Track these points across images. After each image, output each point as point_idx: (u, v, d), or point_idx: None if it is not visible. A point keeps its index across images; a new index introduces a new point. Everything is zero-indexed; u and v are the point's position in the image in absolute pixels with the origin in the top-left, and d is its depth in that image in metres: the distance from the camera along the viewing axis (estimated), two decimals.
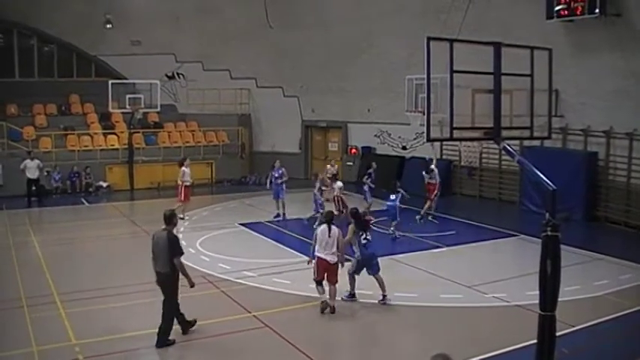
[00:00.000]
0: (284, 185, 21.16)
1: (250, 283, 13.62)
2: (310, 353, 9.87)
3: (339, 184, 19.84)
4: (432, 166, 20.91)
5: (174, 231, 10.72)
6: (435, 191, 20.78)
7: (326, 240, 11.77)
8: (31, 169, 24.11)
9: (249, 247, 17.28)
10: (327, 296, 11.86)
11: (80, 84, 31.18)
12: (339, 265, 11.95)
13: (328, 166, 22.97)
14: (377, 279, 12.41)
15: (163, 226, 10.38)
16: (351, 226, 12.46)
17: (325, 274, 11.84)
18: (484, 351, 9.79)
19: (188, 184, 21.17)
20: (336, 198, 19.40)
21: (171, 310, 10.27)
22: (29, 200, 24.07)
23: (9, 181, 24.93)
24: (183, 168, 21.10)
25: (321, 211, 19.47)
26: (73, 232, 19.56)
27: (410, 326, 11.63)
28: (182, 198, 20.88)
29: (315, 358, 9.76)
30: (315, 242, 11.92)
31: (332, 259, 11.80)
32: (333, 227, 11.90)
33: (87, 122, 29.64)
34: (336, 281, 11.88)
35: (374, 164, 22.00)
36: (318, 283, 11.93)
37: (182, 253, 10.27)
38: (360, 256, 12.35)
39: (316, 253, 11.93)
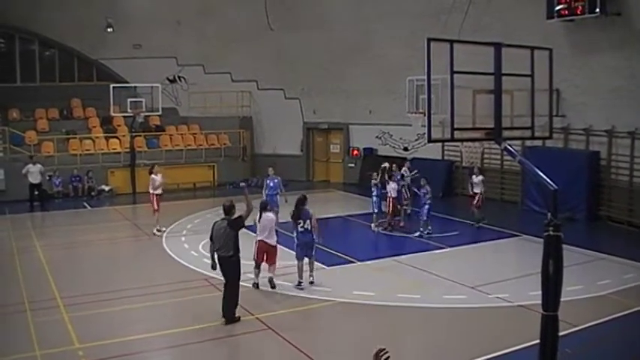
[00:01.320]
0: (278, 196, 19.30)
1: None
2: (313, 355, 9.87)
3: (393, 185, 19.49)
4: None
5: None
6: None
7: (259, 225, 13.44)
8: (34, 173, 24.16)
9: (251, 250, 17.22)
10: (270, 274, 13.38)
11: (82, 88, 31.21)
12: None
13: (405, 168, 21.21)
14: (310, 262, 13.68)
15: (222, 216, 11.56)
16: (291, 213, 13.79)
17: (265, 256, 13.33)
18: (487, 351, 9.78)
19: (159, 193, 19.47)
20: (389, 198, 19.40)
21: (235, 290, 11.42)
22: (32, 205, 24.12)
23: (11, 186, 24.96)
24: (152, 175, 19.49)
25: (376, 211, 19.53)
26: (76, 236, 19.55)
27: (413, 328, 11.63)
28: (156, 207, 19.30)
29: None
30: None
31: (270, 241, 13.32)
32: (265, 214, 13.39)
33: (89, 126, 29.69)
34: (275, 262, 13.43)
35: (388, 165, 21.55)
36: (257, 265, 13.38)
37: (243, 225, 11.59)
38: (298, 241, 13.56)
39: (257, 238, 13.44)
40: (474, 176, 19.99)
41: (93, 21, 29.84)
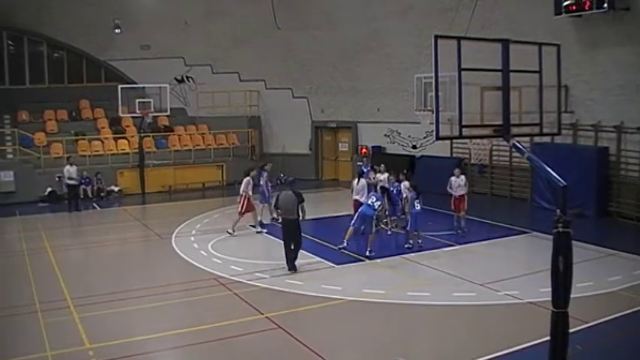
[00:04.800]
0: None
1: (262, 284, 13.61)
2: (323, 354, 9.86)
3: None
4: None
5: None
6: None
7: (355, 188, 17.93)
8: (73, 174, 24.14)
9: (260, 249, 17.30)
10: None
11: (90, 89, 31.32)
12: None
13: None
14: (369, 237, 16.01)
15: (284, 189, 14.99)
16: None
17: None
18: (497, 349, 9.75)
19: (250, 194, 18.89)
20: None
21: (299, 244, 14.67)
22: (69, 205, 23.96)
23: (21, 188, 25.06)
24: (248, 178, 19.01)
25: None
26: (86, 236, 19.66)
27: (423, 325, 11.62)
28: (241, 210, 18.77)
29: (328, 359, 9.76)
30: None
31: (360, 199, 17.22)
32: (361, 180, 17.83)
33: (97, 127, 29.78)
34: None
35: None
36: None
37: (304, 200, 14.65)
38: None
39: (353, 197, 17.88)
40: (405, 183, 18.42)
41: (101, 22, 29.86)
